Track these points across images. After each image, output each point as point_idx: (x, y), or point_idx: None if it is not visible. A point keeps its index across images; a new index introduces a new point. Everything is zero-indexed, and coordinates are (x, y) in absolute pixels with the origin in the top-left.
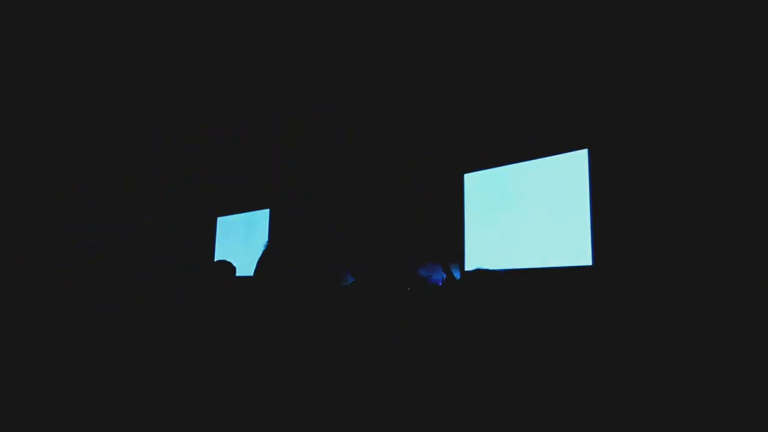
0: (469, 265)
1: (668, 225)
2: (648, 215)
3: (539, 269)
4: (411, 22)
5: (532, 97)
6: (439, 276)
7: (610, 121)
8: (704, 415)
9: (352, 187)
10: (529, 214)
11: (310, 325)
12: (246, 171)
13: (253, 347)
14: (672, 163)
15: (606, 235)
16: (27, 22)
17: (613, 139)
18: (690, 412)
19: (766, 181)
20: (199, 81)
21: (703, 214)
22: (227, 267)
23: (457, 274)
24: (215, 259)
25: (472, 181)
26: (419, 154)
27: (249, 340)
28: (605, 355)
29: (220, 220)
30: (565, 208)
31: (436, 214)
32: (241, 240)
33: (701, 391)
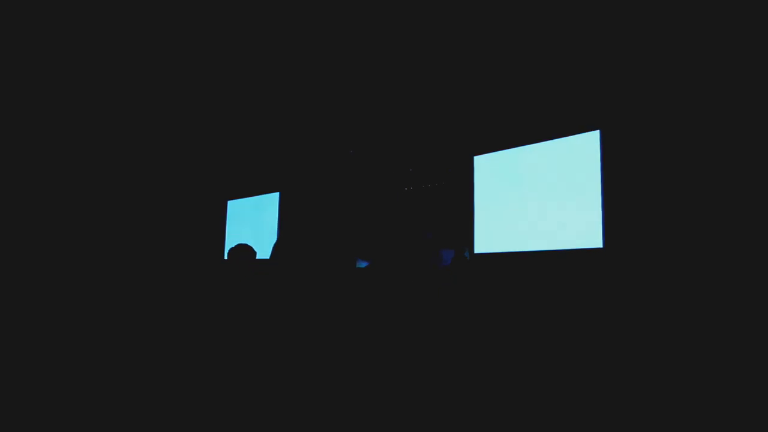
0: (479, 248)
1: (681, 208)
2: (660, 197)
3: (550, 251)
4: (424, 6)
5: (542, 78)
6: (449, 258)
7: (623, 102)
8: (712, 394)
9: (362, 170)
10: (540, 196)
11: (330, 311)
12: (256, 154)
13: (274, 333)
14: (685, 144)
15: (617, 218)
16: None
17: (626, 119)
18: (698, 391)
19: None
20: (209, 65)
21: (717, 197)
22: (248, 251)
23: (466, 256)
24: (225, 243)
25: (483, 163)
26: (429, 137)
27: (269, 327)
28: (615, 337)
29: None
30: (576, 190)
31: (446, 196)
32: (250, 223)
33: (710, 373)
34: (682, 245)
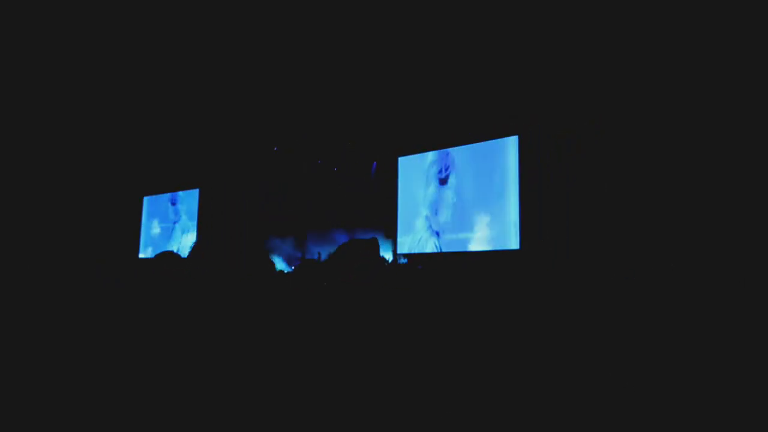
0: (402, 248)
1: (594, 211)
2: (574, 200)
3: (470, 252)
4: (354, 13)
5: (465, 84)
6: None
7: (540, 108)
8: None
9: (286, 168)
10: (461, 198)
11: (253, 317)
12: (174, 149)
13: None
14: (599, 150)
15: (533, 220)
16: None
17: (543, 125)
18: (609, 393)
19: (685, 165)
20: (126, 59)
21: (630, 200)
22: (174, 259)
23: (389, 258)
24: (140, 240)
25: (407, 164)
26: (354, 137)
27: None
28: (531, 333)
29: (146, 199)
30: (495, 193)
31: (370, 196)
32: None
33: (620, 369)
34: (594, 246)
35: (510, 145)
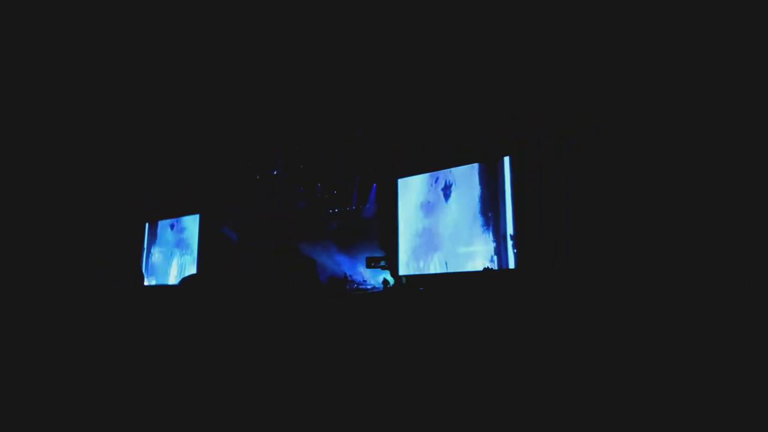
0: (403, 269)
1: (587, 229)
2: (568, 219)
3: (466, 273)
4: (348, 34)
5: (458, 107)
6: (369, 279)
7: (531, 129)
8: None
9: (284, 191)
10: (456, 219)
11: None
12: (176, 175)
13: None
14: (590, 169)
15: (528, 240)
16: None
17: (534, 146)
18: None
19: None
20: (126, 83)
21: (620, 217)
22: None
23: (391, 277)
24: (143, 265)
25: (406, 185)
26: (353, 159)
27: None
28: (526, 353)
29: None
30: (489, 213)
31: (370, 217)
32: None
33: (614, 382)
34: (590, 265)
35: (504, 165)
